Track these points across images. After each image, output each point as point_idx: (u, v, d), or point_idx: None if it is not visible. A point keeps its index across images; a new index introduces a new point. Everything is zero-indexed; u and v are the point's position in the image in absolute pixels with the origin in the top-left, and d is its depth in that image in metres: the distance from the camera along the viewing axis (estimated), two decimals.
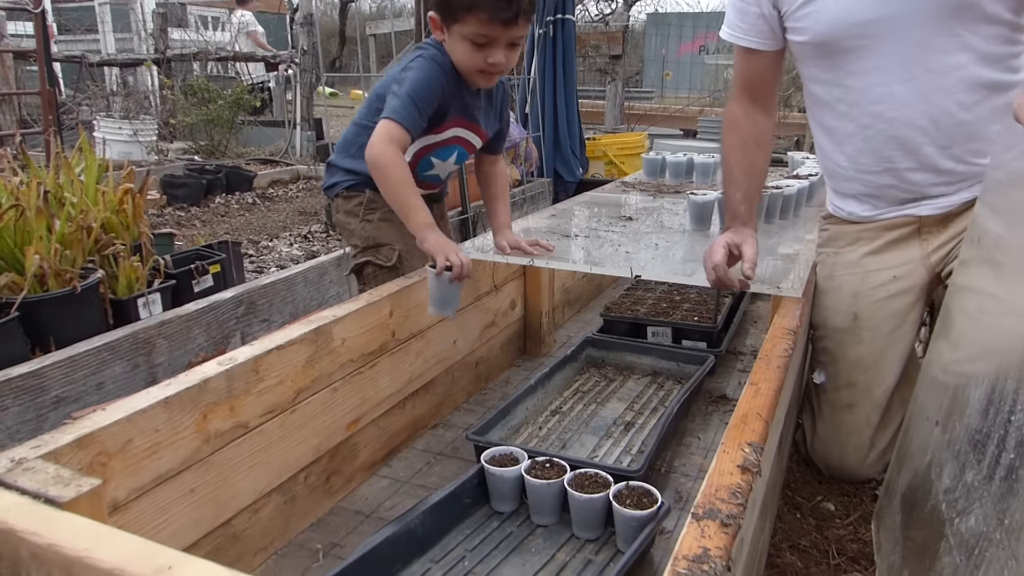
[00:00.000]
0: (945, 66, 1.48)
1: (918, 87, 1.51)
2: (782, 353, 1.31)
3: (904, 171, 1.61)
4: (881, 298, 1.67)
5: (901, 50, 1.49)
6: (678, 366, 2.11)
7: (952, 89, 1.49)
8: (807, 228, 2.23)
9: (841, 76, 1.59)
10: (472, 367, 2.02)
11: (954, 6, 1.43)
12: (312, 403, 1.41)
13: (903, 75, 1.51)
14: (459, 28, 1.64)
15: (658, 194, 2.87)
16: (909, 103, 1.53)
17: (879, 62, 1.52)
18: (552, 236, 2.12)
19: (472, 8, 1.60)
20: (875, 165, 1.63)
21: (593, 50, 6.69)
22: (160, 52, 9.31)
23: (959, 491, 1.02)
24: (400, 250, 1.84)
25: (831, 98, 1.64)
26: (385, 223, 1.85)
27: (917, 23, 1.46)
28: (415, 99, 1.65)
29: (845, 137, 1.65)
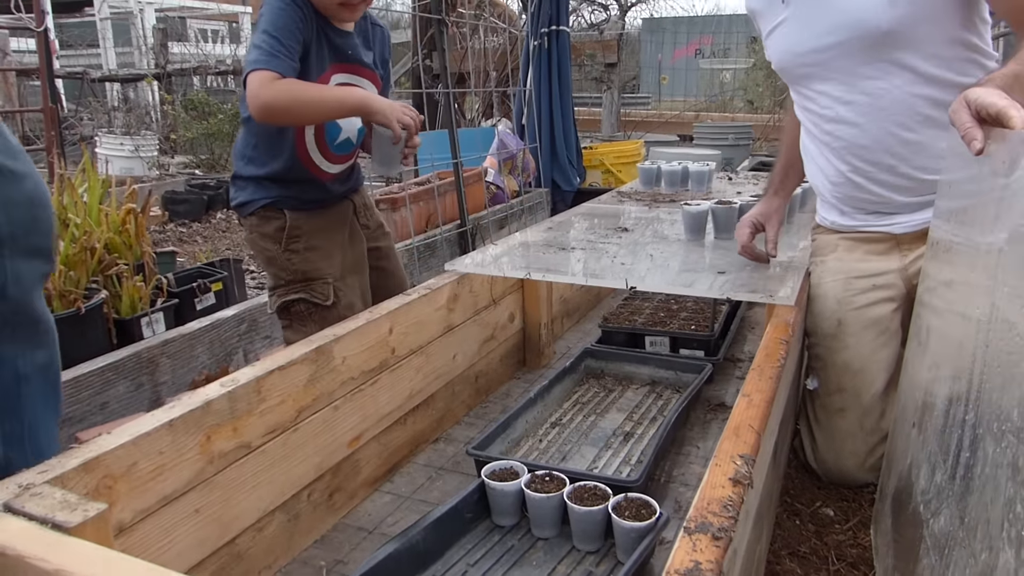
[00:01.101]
0: (879, 90, 1.59)
1: (859, 110, 1.63)
2: (774, 363, 1.33)
3: (864, 183, 1.70)
4: (862, 305, 1.71)
5: (840, 77, 1.64)
6: (676, 375, 2.12)
7: (891, 111, 1.59)
8: (801, 235, 2.26)
9: (801, 99, 1.76)
10: (472, 381, 2.04)
11: (877, 36, 1.53)
12: (314, 421, 1.44)
13: (845, 99, 1.65)
14: None
15: (654, 203, 2.89)
16: (854, 124, 1.65)
17: (825, 87, 1.67)
18: (549, 249, 2.14)
19: None
20: (838, 177, 1.74)
21: (588, 59, 6.73)
22: (161, 67, 9.38)
23: (932, 492, 1.05)
24: (334, 283, 1.72)
25: (802, 117, 1.79)
26: (313, 252, 1.70)
27: (848, 53, 1.59)
28: (273, 35, 1.49)
29: (815, 152, 1.79)
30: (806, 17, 1.62)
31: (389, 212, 3.13)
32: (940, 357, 1.18)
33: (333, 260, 1.73)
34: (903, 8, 1.48)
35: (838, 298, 1.74)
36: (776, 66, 1.78)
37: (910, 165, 1.62)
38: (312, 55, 1.58)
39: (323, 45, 1.61)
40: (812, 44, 1.63)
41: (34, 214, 1.08)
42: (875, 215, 1.73)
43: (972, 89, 1.12)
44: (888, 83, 1.57)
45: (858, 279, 1.73)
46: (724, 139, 5.82)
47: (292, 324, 1.73)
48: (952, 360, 1.08)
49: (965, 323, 1.03)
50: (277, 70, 1.47)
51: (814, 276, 1.82)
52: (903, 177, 1.64)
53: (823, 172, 1.78)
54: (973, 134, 1.06)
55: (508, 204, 3.91)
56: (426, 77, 5.40)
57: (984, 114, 1.06)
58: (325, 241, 1.73)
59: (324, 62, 1.61)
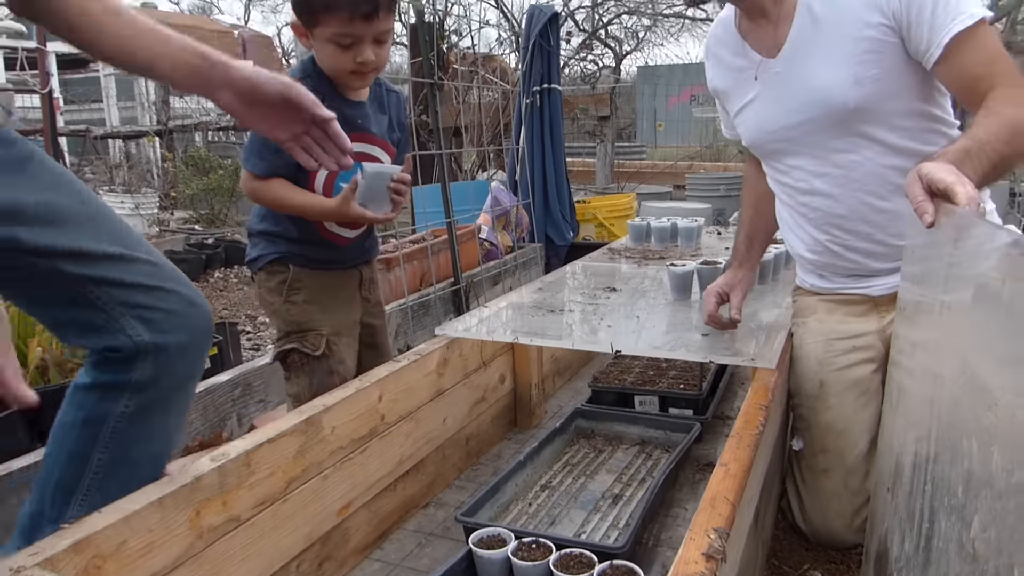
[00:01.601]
0: (851, 163, 1.65)
1: (833, 181, 1.69)
2: (753, 430, 1.36)
3: (841, 252, 1.75)
4: (843, 366, 1.75)
5: (811, 151, 1.69)
6: (666, 434, 2.15)
7: (864, 182, 1.65)
8: (785, 293, 2.30)
9: (775, 172, 1.82)
10: (463, 444, 2.06)
11: (845, 113, 1.59)
12: (303, 492, 1.46)
13: (818, 172, 1.70)
14: (321, 31, 1.60)
15: (643, 260, 2.94)
16: (829, 195, 1.70)
17: (798, 161, 1.73)
18: (538, 311, 2.18)
19: (329, 8, 1.56)
20: (817, 246, 1.79)
21: (582, 112, 6.87)
22: (162, 123, 9.56)
23: (903, 560, 1.08)
24: (328, 336, 1.76)
25: (776, 189, 1.85)
26: (311, 305, 1.76)
27: (817, 129, 1.65)
28: (259, 141, 1.62)
29: (792, 222, 1.84)
30: (776, 95, 1.69)
31: (384, 272, 3.18)
32: (908, 418, 1.22)
33: (330, 315, 1.78)
34: (868, 87, 1.55)
35: (819, 359, 1.78)
36: (747, 142, 1.84)
37: (885, 232, 1.68)
38: None
39: None
40: (783, 121, 1.69)
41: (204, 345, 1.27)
42: (853, 278, 1.77)
43: (924, 164, 1.18)
44: (859, 155, 1.63)
45: (838, 340, 1.77)
46: (716, 190, 5.91)
47: (289, 375, 1.80)
48: (917, 422, 1.12)
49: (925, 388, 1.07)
50: (255, 171, 1.63)
51: (796, 337, 1.86)
52: (879, 244, 1.69)
53: (801, 241, 1.83)
54: (924, 207, 1.13)
55: (502, 260, 3.97)
56: (422, 132, 5.50)
57: (934, 188, 1.13)
58: (325, 297, 1.78)
59: None
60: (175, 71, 1.11)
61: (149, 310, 1.16)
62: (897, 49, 1.52)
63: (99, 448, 1.18)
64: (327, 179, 1.72)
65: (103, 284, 1.13)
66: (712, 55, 1.85)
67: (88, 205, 1.15)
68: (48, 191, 1.10)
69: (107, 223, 1.17)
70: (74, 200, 1.14)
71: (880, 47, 1.52)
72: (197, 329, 1.23)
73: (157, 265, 1.20)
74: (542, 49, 4.40)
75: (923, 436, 1.06)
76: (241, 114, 1.17)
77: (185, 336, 1.20)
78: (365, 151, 1.75)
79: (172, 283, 1.20)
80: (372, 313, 1.93)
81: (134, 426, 1.19)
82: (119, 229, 1.19)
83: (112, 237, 1.15)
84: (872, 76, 1.54)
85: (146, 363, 1.16)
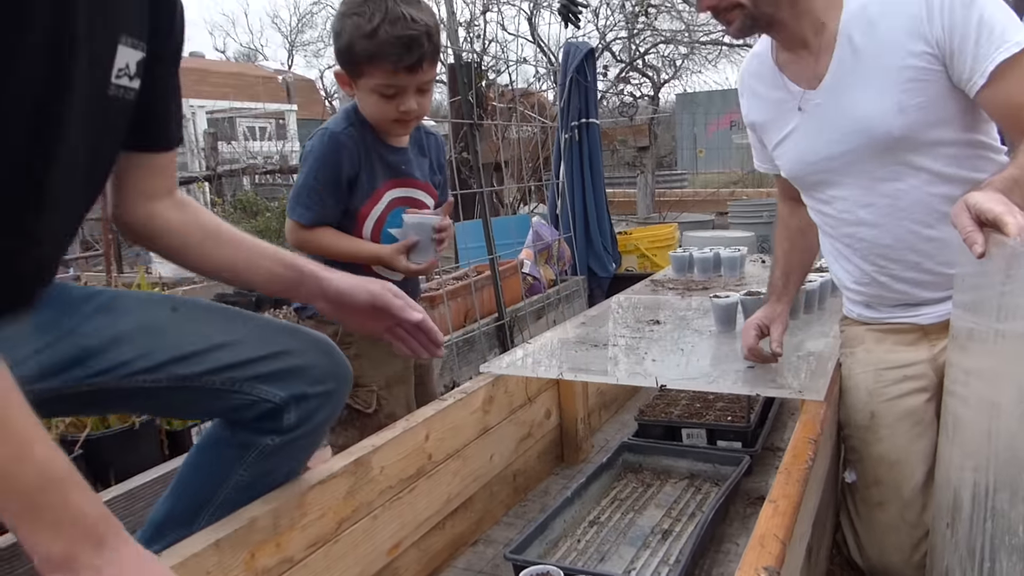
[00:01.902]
0: (897, 191, 1.62)
1: (879, 211, 1.66)
2: (802, 465, 1.34)
3: (889, 282, 1.72)
4: (894, 396, 1.71)
5: (856, 181, 1.67)
6: (715, 468, 2.12)
7: (910, 210, 1.63)
8: (831, 322, 2.27)
9: (817, 204, 1.79)
10: (510, 480, 2.07)
11: (889, 142, 1.57)
12: (354, 532, 1.48)
13: (863, 202, 1.67)
14: (365, 82, 1.63)
15: (687, 292, 2.94)
16: (875, 225, 1.68)
17: (841, 192, 1.70)
18: (582, 346, 2.19)
19: (373, 59, 1.58)
20: (864, 278, 1.76)
21: (620, 144, 6.91)
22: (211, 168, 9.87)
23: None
24: (379, 391, 1.79)
25: (819, 220, 1.82)
26: (361, 359, 1.75)
27: (861, 159, 1.63)
28: (310, 184, 1.67)
29: (835, 253, 1.82)
30: (817, 126, 1.67)
31: (428, 309, 3.22)
32: (965, 449, 1.19)
33: (380, 369, 1.81)
34: (912, 115, 1.53)
35: (869, 390, 1.75)
36: (788, 174, 1.82)
37: (934, 261, 1.65)
38: (363, 179, 1.72)
39: (375, 166, 1.73)
40: (825, 152, 1.67)
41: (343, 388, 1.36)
42: (901, 307, 1.74)
43: (972, 193, 1.17)
44: (905, 184, 1.61)
45: (888, 370, 1.74)
46: (759, 217, 5.86)
47: (335, 428, 1.81)
48: (974, 453, 1.09)
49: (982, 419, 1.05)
50: (301, 220, 1.69)
51: (844, 368, 1.84)
52: (928, 273, 1.67)
53: (847, 272, 1.81)
54: (974, 238, 1.12)
55: (545, 294, 3.99)
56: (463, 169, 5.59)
57: (983, 218, 1.12)
58: (375, 350, 1.81)
59: (377, 180, 1.74)
60: (271, 284, 1.30)
61: (278, 373, 1.25)
62: (941, 77, 1.51)
63: (240, 470, 1.28)
64: (375, 225, 1.77)
65: (223, 371, 1.22)
66: (747, 89, 1.85)
67: (180, 310, 1.25)
68: (138, 315, 1.21)
69: (204, 318, 1.27)
70: (164, 311, 1.24)
71: (924, 75, 1.51)
72: (335, 376, 1.32)
73: (267, 331, 1.29)
74: (579, 84, 4.45)
75: (981, 468, 1.04)
76: (334, 316, 1.35)
77: (326, 386, 1.30)
78: (409, 195, 1.80)
79: (289, 342, 1.29)
80: None
81: (277, 455, 1.29)
82: (219, 317, 1.29)
83: (213, 328, 1.25)
84: (916, 104, 1.53)
85: (291, 413, 1.26)
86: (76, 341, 1.14)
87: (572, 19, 4.55)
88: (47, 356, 1.10)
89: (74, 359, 1.13)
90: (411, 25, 1.57)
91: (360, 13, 1.58)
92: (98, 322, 1.17)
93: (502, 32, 7.09)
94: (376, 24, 1.56)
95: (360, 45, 1.58)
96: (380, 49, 1.57)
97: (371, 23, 1.56)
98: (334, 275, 1.31)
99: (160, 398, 1.22)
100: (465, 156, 5.78)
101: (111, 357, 1.15)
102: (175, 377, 1.19)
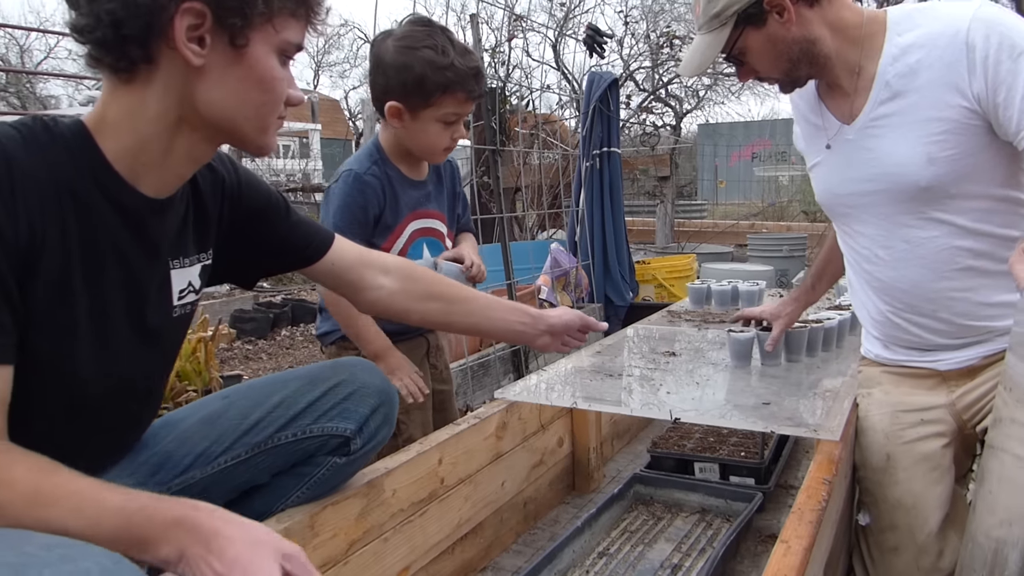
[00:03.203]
0: (918, 238, 1.60)
1: (897, 255, 1.64)
2: (815, 506, 1.33)
3: (904, 324, 1.70)
4: (911, 439, 1.69)
5: (878, 222, 1.65)
6: (727, 503, 2.11)
7: (930, 259, 1.60)
8: (849, 360, 2.26)
9: (843, 234, 1.80)
10: (520, 507, 2.06)
11: (915, 191, 1.55)
12: (364, 554, 1.48)
13: (883, 243, 1.66)
14: (432, 112, 1.69)
15: (703, 324, 2.93)
16: (892, 267, 1.66)
17: (864, 229, 1.70)
18: (597, 376, 2.19)
19: (448, 89, 1.66)
20: (879, 315, 1.75)
21: (641, 174, 6.93)
22: None
23: None
24: (399, 416, 1.78)
25: (844, 250, 1.82)
26: None
27: (886, 202, 1.62)
28: (340, 227, 1.67)
29: (857, 286, 1.82)
30: (846, 161, 1.66)
31: (444, 332, 3.23)
32: (1014, 518, 1.16)
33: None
34: (942, 167, 1.50)
35: (886, 432, 1.73)
36: (818, 200, 1.82)
37: (950, 312, 1.62)
38: (386, 215, 1.77)
39: (399, 202, 1.78)
40: (851, 188, 1.67)
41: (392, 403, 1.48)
42: (918, 351, 1.73)
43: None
44: (927, 233, 1.59)
45: (905, 413, 1.72)
46: (779, 250, 5.85)
47: None
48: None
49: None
50: None
51: (861, 408, 1.82)
52: (943, 322, 1.64)
53: (865, 307, 1.80)
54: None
55: None
56: (483, 193, 5.64)
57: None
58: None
59: (399, 216, 1.79)
60: (506, 335, 1.62)
61: (337, 405, 1.36)
62: (978, 131, 1.47)
63: (304, 487, 1.37)
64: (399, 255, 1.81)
65: (290, 424, 1.33)
66: (795, 103, 1.84)
67: (230, 395, 1.37)
68: (196, 413, 1.34)
69: (255, 390, 1.38)
70: (216, 401, 1.37)
71: (959, 128, 1.48)
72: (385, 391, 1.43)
73: (313, 373, 1.39)
74: (602, 114, 4.48)
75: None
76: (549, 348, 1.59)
77: (380, 400, 1.41)
78: (428, 226, 1.85)
79: (335, 374, 1.39)
80: (441, 379, 1.99)
81: (342, 471, 1.40)
82: (267, 383, 1.40)
83: (266, 393, 1.36)
84: (947, 156, 1.50)
85: (358, 438, 1.37)
86: (151, 457, 1.26)
87: (597, 49, 4.60)
88: (134, 479, 1.21)
89: (157, 466, 1.25)
90: (475, 58, 1.69)
91: (431, 46, 1.66)
92: (162, 434, 1.30)
93: (526, 58, 7.17)
94: (451, 57, 1.65)
95: (436, 76, 1.65)
96: (458, 79, 1.66)
97: (446, 56, 1.65)
98: (551, 313, 1.54)
99: (246, 471, 1.32)
100: (486, 180, 5.83)
101: (187, 452, 1.28)
102: (251, 447, 1.31)
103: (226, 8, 0.96)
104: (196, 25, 0.96)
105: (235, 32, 0.98)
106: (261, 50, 1.02)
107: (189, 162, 1.09)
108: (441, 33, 1.69)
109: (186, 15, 0.95)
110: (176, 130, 1.03)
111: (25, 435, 0.91)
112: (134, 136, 1.01)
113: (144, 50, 0.96)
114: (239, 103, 1.03)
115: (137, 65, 0.97)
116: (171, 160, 1.05)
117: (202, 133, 1.05)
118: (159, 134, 1.02)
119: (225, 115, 1.03)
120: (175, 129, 1.03)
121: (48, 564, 0.67)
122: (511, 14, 5.81)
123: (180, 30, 0.95)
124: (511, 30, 6.21)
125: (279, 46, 1.04)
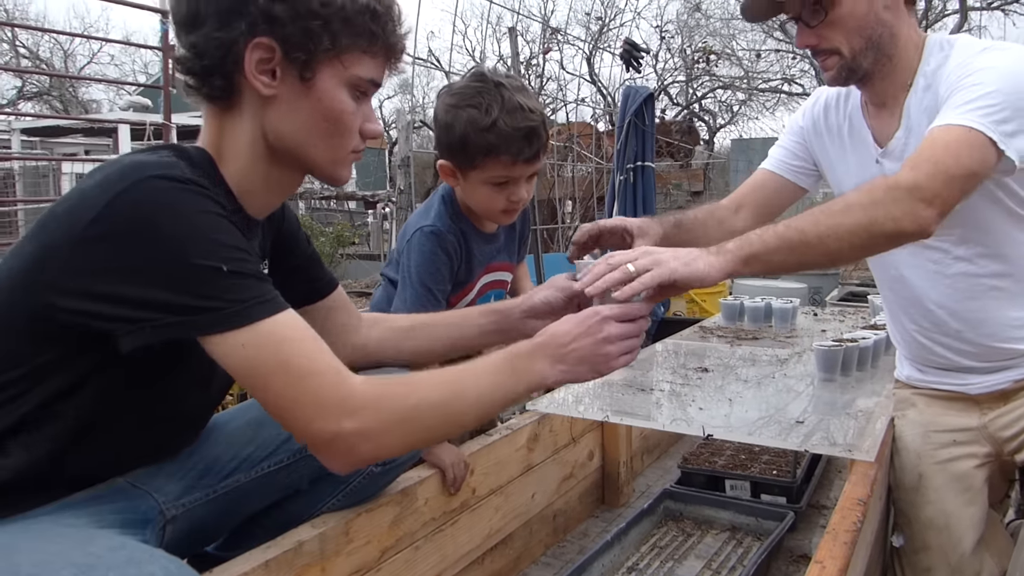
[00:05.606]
0: (944, 259, 1.59)
1: (921, 275, 1.64)
2: (850, 527, 1.32)
3: (930, 344, 1.69)
4: (943, 460, 1.68)
5: None
6: (757, 522, 2.10)
7: (955, 280, 1.59)
8: (883, 380, 2.23)
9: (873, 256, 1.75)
10: (550, 520, 2.07)
11: None
12: (396, 561, 1.50)
13: (908, 262, 1.65)
14: (478, 174, 1.58)
15: (736, 340, 2.92)
16: (916, 287, 1.66)
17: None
18: (628, 390, 2.19)
19: (491, 152, 1.53)
20: (906, 335, 1.75)
21: (675, 188, 6.92)
22: None
23: None
24: None
25: (874, 269, 1.80)
26: None
27: None
28: (427, 285, 1.61)
29: (885, 305, 1.83)
30: None
31: None
32: None
33: None
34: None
35: (918, 451, 1.71)
36: None
37: (976, 333, 1.61)
38: (461, 271, 1.72)
39: (473, 258, 1.72)
40: None
41: None
42: (947, 372, 1.70)
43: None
44: (951, 255, 1.58)
45: (938, 433, 1.70)
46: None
47: None
48: None
49: None
50: None
51: (896, 429, 1.80)
52: (969, 343, 1.63)
53: (894, 325, 1.80)
54: None
55: None
56: None
57: None
58: None
59: (473, 272, 1.75)
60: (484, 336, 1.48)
61: None
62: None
63: (340, 494, 1.39)
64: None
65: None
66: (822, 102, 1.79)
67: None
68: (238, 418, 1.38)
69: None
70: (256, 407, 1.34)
71: None
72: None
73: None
74: (637, 128, 4.50)
75: None
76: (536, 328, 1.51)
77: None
78: (497, 279, 1.83)
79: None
80: None
81: (378, 480, 1.43)
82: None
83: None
84: None
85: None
86: (198, 462, 1.28)
87: (634, 64, 4.61)
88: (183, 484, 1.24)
89: (205, 470, 1.27)
90: (528, 116, 1.53)
91: (475, 105, 1.53)
92: (210, 437, 1.32)
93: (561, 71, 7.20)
94: (495, 117, 1.51)
95: (477, 138, 1.53)
96: (499, 142, 1.52)
97: (489, 116, 1.51)
98: (527, 297, 1.44)
99: (287, 476, 1.35)
100: None
101: (232, 455, 1.30)
102: (292, 453, 1.33)
103: (291, 44, 1.02)
104: (267, 59, 1.03)
105: (302, 66, 1.04)
106: (329, 84, 1.07)
107: (280, 190, 1.17)
108: (494, 89, 1.54)
109: (256, 49, 1.02)
110: (270, 159, 1.10)
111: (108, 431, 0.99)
112: (238, 162, 1.10)
113: (225, 80, 1.04)
114: (307, 134, 1.08)
115: (224, 94, 1.05)
116: (269, 186, 1.14)
117: (285, 162, 1.11)
118: (255, 162, 1.10)
119: (296, 144, 1.09)
120: (269, 158, 1.10)
121: (114, 567, 0.70)
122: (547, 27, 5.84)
123: (250, 63, 1.02)
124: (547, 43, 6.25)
125: (349, 81, 1.08)
